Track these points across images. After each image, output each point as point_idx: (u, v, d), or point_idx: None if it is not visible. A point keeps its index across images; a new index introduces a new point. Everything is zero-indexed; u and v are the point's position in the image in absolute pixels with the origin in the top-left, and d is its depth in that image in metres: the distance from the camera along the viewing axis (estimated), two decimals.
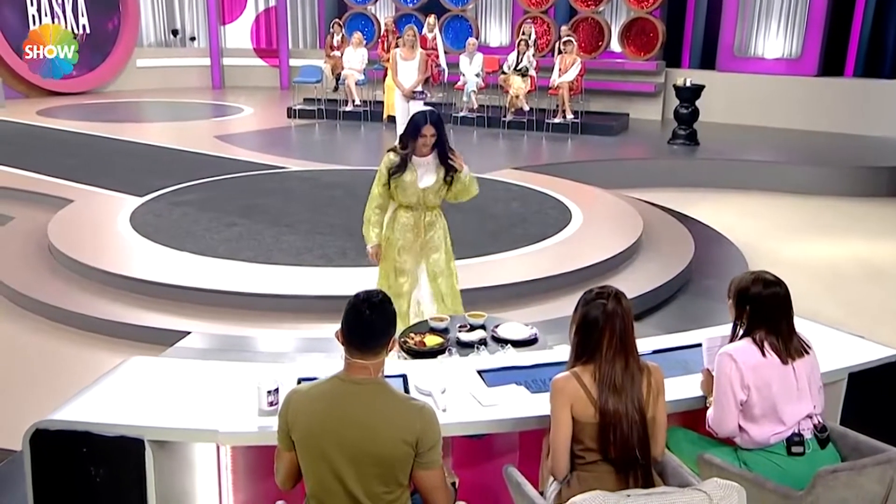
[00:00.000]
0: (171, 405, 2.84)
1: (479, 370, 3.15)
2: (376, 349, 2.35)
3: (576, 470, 2.52)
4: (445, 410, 2.81)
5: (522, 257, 6.54)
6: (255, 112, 14.95)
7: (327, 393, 2.35)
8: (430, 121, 4.18)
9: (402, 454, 2.29)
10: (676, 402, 2.97)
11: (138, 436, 2.66)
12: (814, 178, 10.55)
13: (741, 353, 2.76)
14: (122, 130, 12.30)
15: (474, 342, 3.89)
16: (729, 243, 7.88)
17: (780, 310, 2.81)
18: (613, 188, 9.62)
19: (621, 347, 2.54)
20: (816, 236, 8.74)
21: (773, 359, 2.75)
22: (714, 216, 8.93)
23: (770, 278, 2.85)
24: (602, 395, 2.48)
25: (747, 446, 2.80)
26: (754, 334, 2.79)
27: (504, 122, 12.85)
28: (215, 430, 2.67)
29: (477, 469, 3.10)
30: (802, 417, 2.78)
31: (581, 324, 2.57)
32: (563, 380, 2.54)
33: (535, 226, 7.39)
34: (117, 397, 2.88)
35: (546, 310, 5.66)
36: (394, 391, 2.38)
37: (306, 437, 2.31)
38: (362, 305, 2.34)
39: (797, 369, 2.77)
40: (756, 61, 14.09)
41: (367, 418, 2.28)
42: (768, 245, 8.24)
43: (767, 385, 2.74)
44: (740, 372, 2.73)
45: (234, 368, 3.15)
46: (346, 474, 2.28)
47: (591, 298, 2.59)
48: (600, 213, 8.02)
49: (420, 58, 9.46)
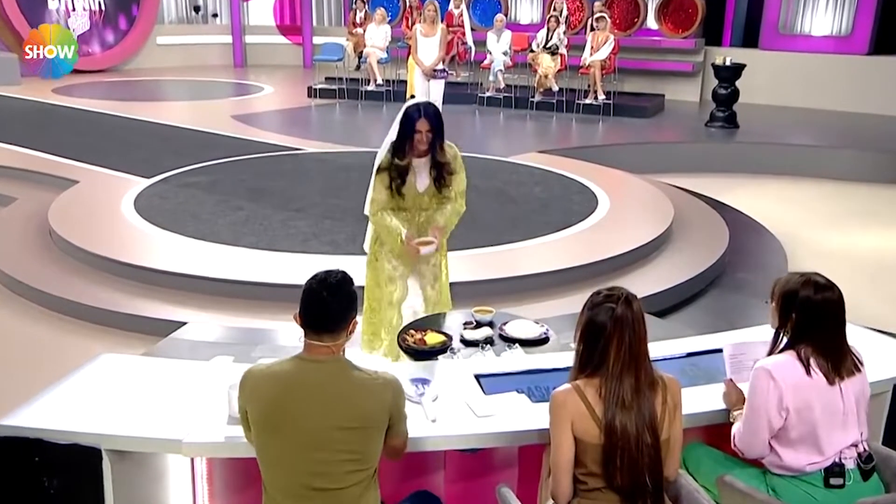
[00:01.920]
0: (137, 410, 2.64)
1: (477, 374, 2.91)
2: (336, 332, 2.25)
3: (577, 496, 2.26)
4: (435, 421, 2.58)
5: (542, 246, 6.26)
6: (276, 91, 14.78)
7: (288, 372, 2.24)
8: (425, 114, 3.71)
9: (375, 429, 2.22)
10: (697, 416, 2.70)
11: (94, 444, 2.47)
12: (862, 163, 10.09)
13: (781, 370, 2.43)
14: (137, 109, 12.20)
15: (479, 341, 3.65)
16: (767, 233, 7.51)
17: (832, 319, 2.48)
18: (645, 173, 9.27)
19: (631, 359, 2.26)
20: (862, 226, 8.32)
21: (818, 379, 2.42)
22: (752, 203, 8.55)
23: (822, 281, 2.51)
24: (608, 412, 2.21)
25: (778, 472, 2.50)
26: (799, 348, 2.46)
27: (532, 102, 12.51)
28: (178, 440, 2.46)
29: (471, 485, 2.86)
30: (846, 447, 2.47)
31: (586, 330, 2.31)
32: (564, 393, 2.28)
33: (557, 213, 7.10)
34: (79, 400, 2.69)
35: (564, 304, 5.37)
36: (357, 367, 2.29)
37: (264, 418, 2.20)
38: (320, 287, 2.26)
39: (845, 391, 2.44)
40: (802, 39, 13.54)
41: (334, 396, 2.19)
42: (809, 235, 7.86)
43: (809, 408, 2.42)
44: (779, 391, 2.41)
45: (210, 369, 2.95)
46: (308, 457, 2.16)
47: (598, 301, 2.32)
48: (629, 199, 7.70)
49: (441, 34, 9.17)
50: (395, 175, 3.83)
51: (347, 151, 9.52)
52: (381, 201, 3.94)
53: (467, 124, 11.98)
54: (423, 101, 3.81)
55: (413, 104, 3.76)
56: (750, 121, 11.62)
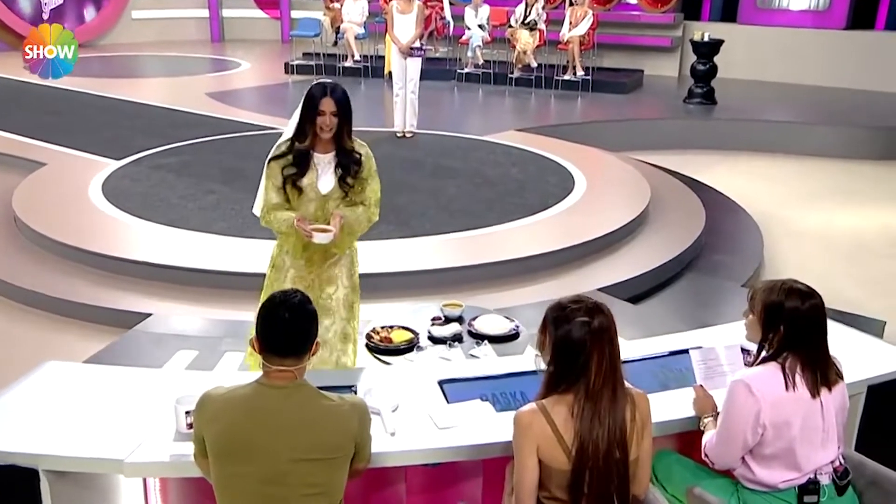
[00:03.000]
0: (80, 425, 2.46)
1: (441, 381, 2.75)
2: (300, 355, 2.08)
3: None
4: (394, 435, 2.42)
5: (518, 231, 6.10)
6: (253, 67, 14.44)
7: (248, 398, 2.06)
8: (332, 94, 3.08)
9: (343, 455, 2.07)
10: (668, 424, 2.57)
11: (31, 465, 2.30)
12: (839, 139, 9.97)
13: (762, 384, 2.26)
14: (110, 87, 11.86)
15: (447, 338, 3.50)
16: (743, 213, 7.38)
17: (819, 327, 2.33)
18: (624, 150, 9.12)
19: (610, 370, 2.09)
20: (839, 204, 8.21)
21: (800, 392, 2.26)
22: (729, 181, 8.42)
23: (804, 289, 2.34)
24: (580, 434, 2.05)
25: (749, 486, 2.37)
26: (783, 360, 2.29)
27: (511, 78, 12.27)
28: (119, 460, 2.29)
29: (433, 498, 2.73)
30: (823, 464, 2.33)
31: (561, 348, 2.10)
32: (529, 415, 2.10)
33: (534, 194, 6.92)
34: (19, 415, 2.51)
35: (539, 290, 5.24)
36: (320, 393, 2.11)
37: (221, 446, 2.03)
38: (279, 309, 2.07)
39: (825, 405, 2.29)
40: (781, 13, 13.34)
41: (297, 426, 2.02)
42: (786, 214, 7.75)
43: (788, 424, 2.26)
44: (757, 407, 2.25)
45: (159, 378, 2.77)
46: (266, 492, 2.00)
47: (567, 316, 2.10)
48: (605, 180, 7.52)
49: (418, 11, 8.86)
50: (289, 164, 3.20)
51: None
52: (271, 202, 3.26)
53: (445, 101, 11.75)
54: (331, 82, 3.17)
55: (319, 82, 3.15)
56: (728, 96, 11.45)
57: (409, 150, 8.42)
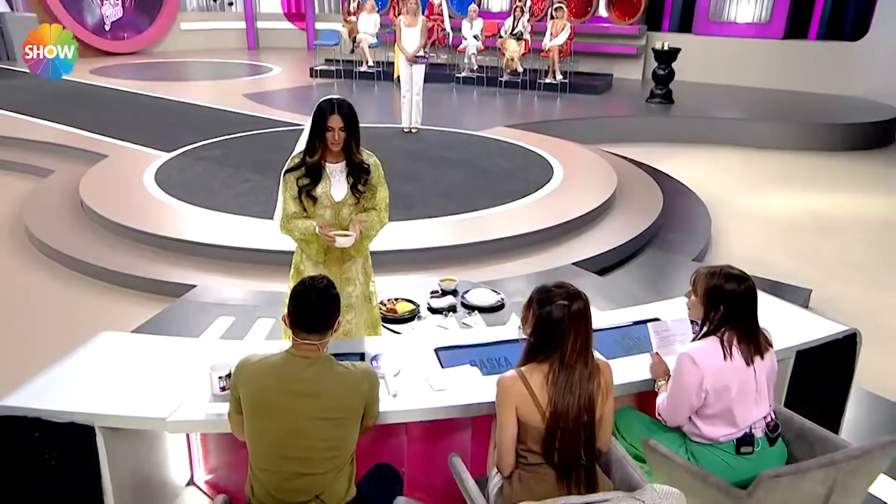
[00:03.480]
0: (130, 387, 2.41)
1: (437, 348, 2.70)
2: (323, 330, 2.05)
3: (519, 468, 2.08)
4: (396, 395, 2.38)
5: (506, 213, 6.01)
6: (283, 71, 14.21)
7: (279, 366, 2.03)
8: (339, 110, 2.79)
9: (355, 415, 2.05)
10: (629, 385, 2.52)
11: (88, 422, 2.25)
12: (778, 134, 9.82)
13: (704, 356, 2.23)
14: (161, 88, 11.69)
15: (443, 309, 3.44)
16: (695, 197, 7.27)
17: (752, 305, 2.27)
18: (595, 143, 8.99)
19: (582, 348, 2.04)
20: (777, 190, 8.10)
21: (737, 361, 2.22)
22: (684, 170, 8.30)
23: (738, 273, 2.29)
24: (554, 398, 2.00)
25: (696, 440, 2.33)
26: (722, 334, 2.25)
27: (501, 81, 12.07)
28: (163, 419, 2.25)
29: (430, 450, 2.69)
30: (757, 420, 2.30)
31: (541, 325, 2.04)
32: (510, 380, 2.06)
33: (519, 182, 6.82)
34: (77, 378, 2.46)
35: (525, 265, 5.18)
36: (339, 363, 2.08)
37: (254, 405, 2.00)
38: (308, 291, 2.05)
39: (758, 370, 2.25)
40: (729, 25, 13.06)
41: (318, 390, 1.99)
42: (732, 198, 7.64)
43: (727, 389, 2.23)
44: (700, 375, 2.22)
45: (199, 347, 2.71)
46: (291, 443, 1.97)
47: (550, 298, 2.05)
48: (579, 169, 7.41)
49: (422, 24, 8.68)
50: (302, 176, 2.91)
51: None
52: (289, 211, 2.96)
53: (445, 101, 11.57)
54: (338, 98, 2.85)
55: (326, 99, 2.84)
56: (684, 96, 11.28)
57: (414, 144, 8.29)
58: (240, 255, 5.13)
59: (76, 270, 5.20)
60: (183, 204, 5.99)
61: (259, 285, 4.84)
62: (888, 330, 4.76)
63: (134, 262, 5.13)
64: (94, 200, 6.00)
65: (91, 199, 6.02)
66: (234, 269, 5.06)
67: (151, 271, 4.99)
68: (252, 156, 7.55)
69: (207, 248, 5.20)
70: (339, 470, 1.97)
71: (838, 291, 5.38)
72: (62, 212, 6.10)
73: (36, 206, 6.28)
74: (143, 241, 5.40)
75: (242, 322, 4.28)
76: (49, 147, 7.96)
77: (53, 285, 5.05)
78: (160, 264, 5.10)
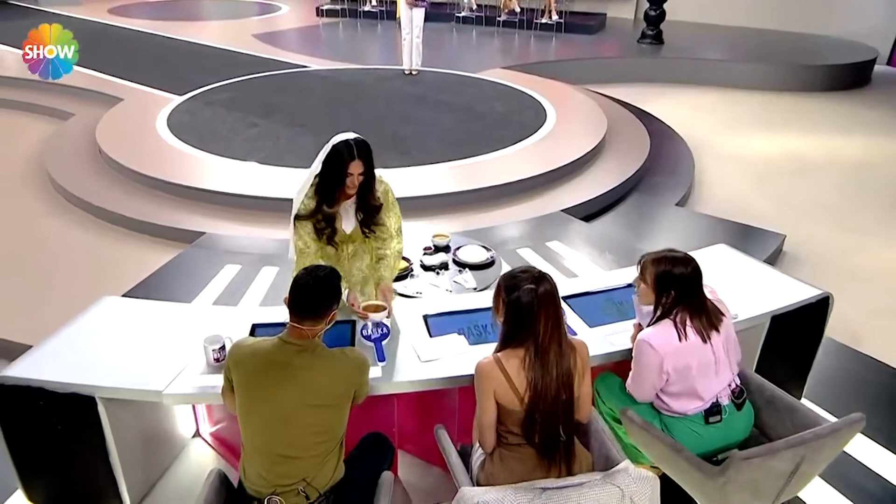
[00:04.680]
0: (128, 357, 2.25)
1: (426, 315, 2.53)
2: (317, 318, 1.86)
3: (499, 447, 1.94)
4: (384, 363, 2.23)
5: (499, 160, 5.71)
6: (291, 10, 13.46)
7: (269, 352, 1.85)
8: (359, 154, 2.29)
9: (343, 401, 1.88)
10: (611, 354, 2.35)
11: (89, 394, 2.11)
12: (760, 74, 9.32)
13: (660, 340, 2.06)
14: (176, 29, 11.08)
15: (435, 266, 3.25)
16: (680, 140, 6.94)
17: (699, 285, 2.10)
18: (588, 83, 8.55)
19: (556, 329, 1.88)
20: (756, 131, 7.73)
21: (692, 340, 2.06)
22: (672, 111, 7.91)
23: (683, 256, 2.11)
24: (533, 381, 1.85)
25: (667, 413, 2.19)
26: (675, 316, 2.07)
27: (498, 21, 11.42)
28: (159, 391, 2.11)
29: (417, 415, 2.57)
30: (721, 389, 2.15)
31: (512, 311, 1.88)
32: (488, 366, 1.90)
33: (513, 127, 6.47)
34: (77, 347, 2.29)
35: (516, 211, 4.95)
36: (329, 350, 1.90)
37: (245, 388, 1.84)
38: (308, 277, 1.88)
39: (715, 344, 2.09)
40: None
41: (307, 378, 1.81)
42: (714, 139, 7.30)
43: (687, 367, 2.07)
44: (660, 359, 2.06)
45: (197, 313, 2.54)
46: (279, 429, 1.81)
47: (517, 284, 1.88)
48: (572, 113, 7.03)
49: None
50: (322, 225, 2.43)
51: (345, 69, 8.67)
52: (310, 251, 2.45)
53: (446, 41, 10.97)
54: (354, 137, 2.32)
55: (342, 140, 2.31)
56: (674, 37, 10.67)
57: (413, 86, 7.87)
58: (247, 202, 4.90)
59: (93, 214, 4.99)
60: (194, 150, 5.71)
61: (265, 232, 4.64)
62: (855, 273, 4.58)
63: (149, 208, 4.91)
64: (111, 147, 5.72)
65: (108, 146, 5.74)
66: (241, 215, 4.84)
67: (165, 218, 4.76)
68: (259, 99, 7.17)
69: (217, 195, 4.96)
70: (328, 454, 1.83)
71: (810, 232, 5.17)
72: (81, 156, 5.83)
73: (56, 151, 6.00)
74: (157, 187, 5.16)
75: (248, 270, 4.11)
76: (68, 90, 7.57)
77: (74, 231, 4.85)
78: (172, 210, 4.88)
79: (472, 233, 4.35)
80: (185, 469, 2.55)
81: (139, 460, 2.38)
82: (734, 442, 2.19)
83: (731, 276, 2.80)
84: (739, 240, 4.60)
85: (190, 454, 2.63)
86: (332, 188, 2.35)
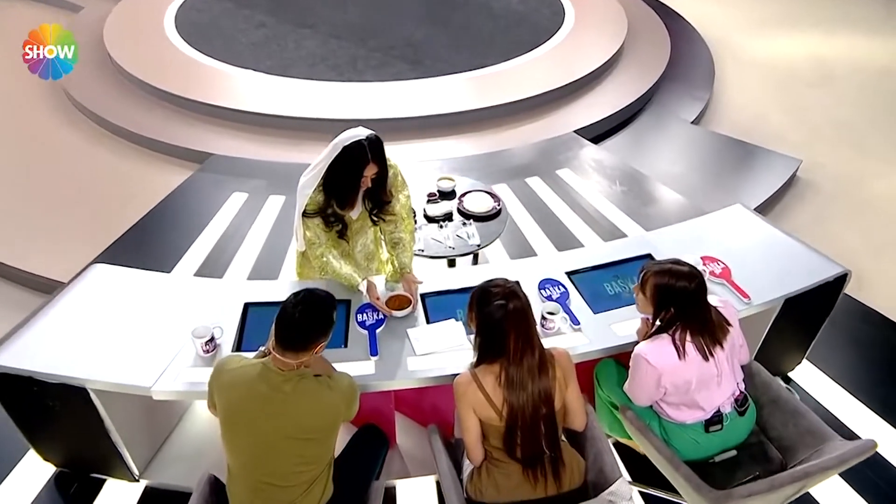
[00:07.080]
0: (118, 343, 1.97)
1: (423, 294, 2.19)
2: (298, 350, 1.53)
3: (486, 461, 1.71)
4: (379, 356, 1.95)
5: (513, 70, 5.01)
6: None
7: (252, 379, 1.55)
8: (374, 156, 1.92)
9: (326, 437, 1.62)
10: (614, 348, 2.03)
11: (79, 385, 1.88)
12: None
13: (658, 357, 1.73)
14: None
15: (439, 218, 2.86)
16: (701, 42, 6.07)
17: (703, 301, 1.73)
18: None
19: (526, 343, 1.60)
20: (781, 31, 6.74)
21: (694, 357, 1.73)
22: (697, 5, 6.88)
23: (687, 270, 1.71)
24: (509, 396, 1.59)
25: (666, 419, 1.91)
26: (674, 332, 1.73)
27: None
28: (147, 387, 1.86)
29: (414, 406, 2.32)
30: (724, 400, 1.84)
31: (483, 327, 1.62)
32: (464, 384, 1.62)
33: (528, 29, 5.65)
34: (65, 330, 2.01)
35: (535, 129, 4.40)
36: (315, 381, 1.58)
37: (226, 415, 1.57)
38: (293, 306, 1.53)
39: (718, 359, 1.76)
40: None
41: (289, 409, 1.54)
42: (736, 40, 6.38)
43: (686, 383, 1.76)
44: (657, 373, 1.74)
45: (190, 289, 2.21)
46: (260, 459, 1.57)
47: (489, 299, 1.60)
48: (590, 14, 6.10)
49: None
50: (334, 221, 2.08)
51: None
52: (321, 241, 2.10)
53: None
54: (366, 135, 1.92)
55: (355, 141, 1.90)
56: None
57: None
58: (254, 119, 4.39)
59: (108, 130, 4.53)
60: (201, 56, 5.06)
61: (275, 153, 4.18)
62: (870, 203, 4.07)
63: (159, 124, 4.42)
64: (119, 53, 5.08)
65: (116, 51, 5.10)
66: (249, 133, 4.36)
67: (175, 136, 4.29)
68: None
69: (224, 111, 4.44)
70: (313, 480, 1.60)
71: (823, 155, 4.58)
72: (90, 62, 5.20)
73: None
74: (166, 99, 4.63)
75: (255, 199, 3.73)
76: None
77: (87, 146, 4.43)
78: (182, 126, 4.40)
79: (482, 157, 3.88)
80: (189, 429, 2.39)
81: (141, 430, 2.20)
82: (734, 444, 1.94)
83: (745, 248, 2.38)
84: (754, 164, 4.08)
85: (194, 413, 2.46)
86: (345, 193, 1.99)
